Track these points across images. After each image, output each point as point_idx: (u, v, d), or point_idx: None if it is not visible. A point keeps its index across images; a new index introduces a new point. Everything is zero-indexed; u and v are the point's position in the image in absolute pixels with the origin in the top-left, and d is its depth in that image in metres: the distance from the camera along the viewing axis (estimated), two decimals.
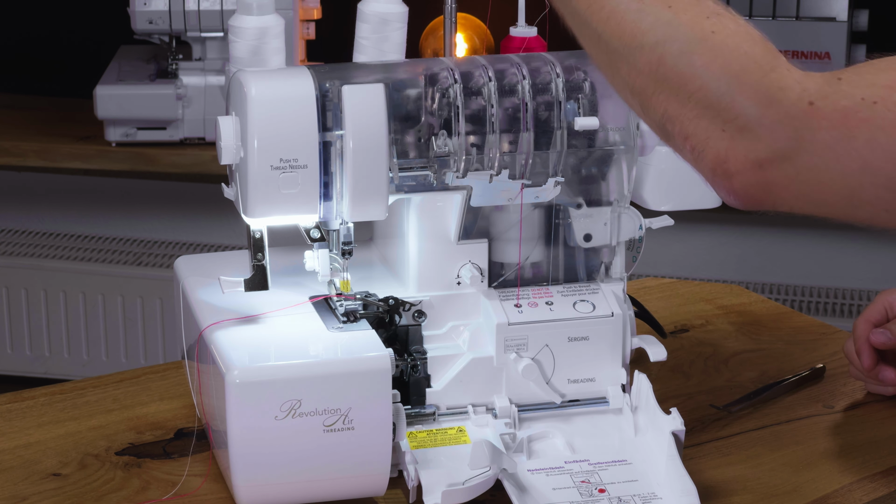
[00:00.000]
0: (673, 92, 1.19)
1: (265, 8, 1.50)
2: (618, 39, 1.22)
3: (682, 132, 1.19)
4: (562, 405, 1.51)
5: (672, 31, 1.19)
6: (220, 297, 1.48)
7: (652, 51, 1.19)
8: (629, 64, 1.21)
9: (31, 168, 3.17)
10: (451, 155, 1.45)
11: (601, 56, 1.25)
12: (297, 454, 1.38)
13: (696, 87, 1.17)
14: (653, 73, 1.19)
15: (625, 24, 1.21)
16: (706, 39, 1.18)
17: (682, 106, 1.19)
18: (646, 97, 1.21)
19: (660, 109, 1.20)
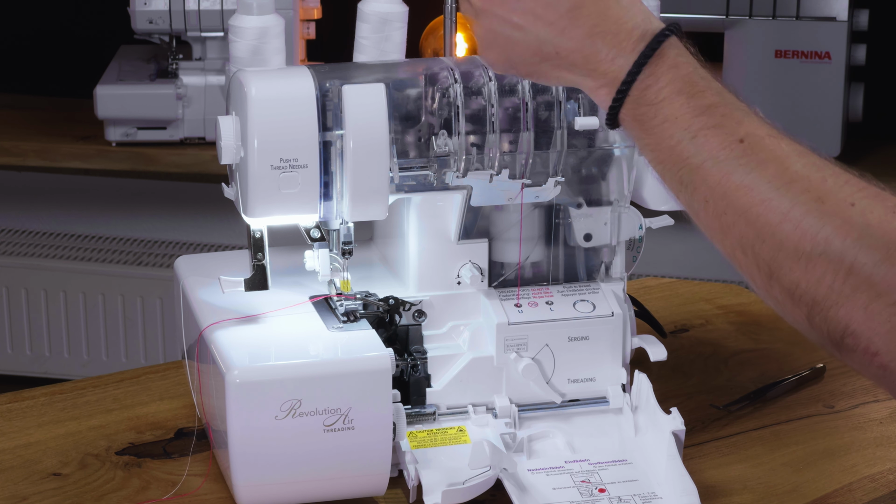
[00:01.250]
0: (861, 303, 1.03)
1: (265, 8, 1.50)
2: (793, 244, 1.05)
3: (871, 349, 1.04)
4: (562, 405, 1.51)
5: (862, 236, 1.03)
6: (220, 296, 1.48)
7: (839, 262, 1.03)
8: (803, 272, 1.05)
9: (31, 168, 3.17)
10: (451, 154, 1.45)
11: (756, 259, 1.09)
12: (298, 454, 1.38)
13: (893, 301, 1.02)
14: (838, 282, 1.04)
15: (803, 228, 1.05)
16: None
17: (874, 320, 1.03)
18: (822, 309, 1.05)
19: (840, 324, 1.05)
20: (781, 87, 2.88)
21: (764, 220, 1.07)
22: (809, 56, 2.86)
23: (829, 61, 2.86)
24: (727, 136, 1.09)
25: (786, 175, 1.07)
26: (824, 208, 1.05)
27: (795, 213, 1.06)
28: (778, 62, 2.87)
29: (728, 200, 1.09)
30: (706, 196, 1.10)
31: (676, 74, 1.12)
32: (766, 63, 2.87)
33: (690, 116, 1.11)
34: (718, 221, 1.11)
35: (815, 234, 1.05)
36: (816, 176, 1.06)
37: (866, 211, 1.04)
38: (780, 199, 1.06)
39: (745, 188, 1.08)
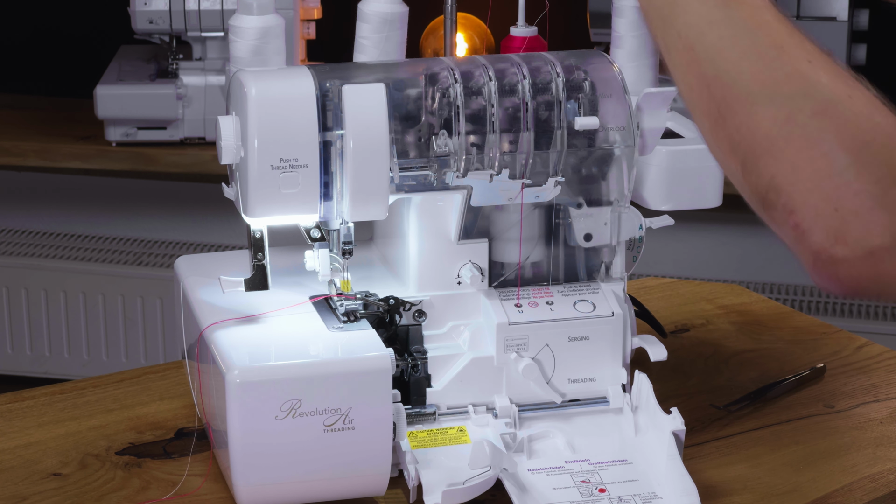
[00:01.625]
0: (790, 156, 1.07)
1: (265, 8, 1.50)
2: (744, 83, 1.10)
3: (789, 205, 1.08)
4: (562, 405, 1.51)
5: (809, 87, 1.08)
6: (221, 296, 1.48)
7: (781, 105, 1.08)
8: (747, 114, 1.10)
9: (31, 168, 3.17)
10: (451, 154, 1.45)
11: (706, 93, 1.13)
12: (298, 454, 1.38)
13: (820, 154, 1.06)
14: (774, 129, 1.08)
15: (757, 69, 1.10)
16: (841, 102, 1.07)
17: (796, 175, 1.07)
18: (754, 157, 1.09)
19: (767, 174, 1.09)
20: None
21: (725, 55, 1.12)
22: None
23: None
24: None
25: (757, 19, 1.12)
26: (782, 56, 1.10)
27: (754, 53, 1.11)
28: None
29: (699, 33, 1.14)
30: (680, 30, 1.15)
31: None
32: None
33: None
34: (687, 55, 1.15)
35: (765, 76, 1.10)
36: (785, 29, 1.12)
37: (819, 70, 1.09)
38: (745, 39, 1.11)
39: (716, 23, 1.13)
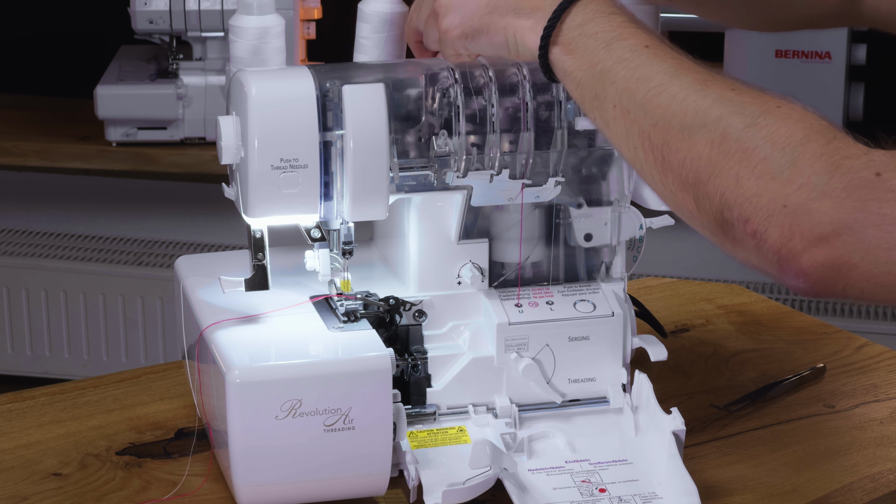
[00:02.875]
0: (733, 171, 1.14)
1: (265, 8, 1.50)
2: (678, 120, 1.18)
3: (742, 216, 1.14)
4: (562, 405, 1.51)
5: (736, 106, 1.16)
6: (221, 296, 1.48)
7: (714, 127, 1.16)
8: (687, 146, 1.17)
9: (31, 168, 3.17)
10: (451, 155, 1.45)
11: (647, 143, 1.21)
12: (298, 454, 1.38)
13: (759, 160, 1.13)
14: (713, 152, 1.15)
15: (686, 104, 1.18)
16: (770, 112, 1.15)
17: (742, 186, 1.13)
18: (702, 185, 1.16)
19: (716, 196, 1.16)
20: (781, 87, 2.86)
21: (656, 104, 1.20)
22: (809, 56, 2.86)
23: (829, 61, 2.86)
24: (636, 42, 1.24)
25: (680, 67, 1.21)
26: (706, 89, 1.18)
27: (682, 94, 1.19)
28: (778, 62, 2.87)
29: (630, 95, 1.22)
30: (613, 99, 1.24)
31: (601, 5, 1.28)
32: (767, 63, 2.87)
33: (608, 30, 1.26)
34: (624, 120, 1.23)
35: (695, 108, 1.18)
36: (705, 72, 1.21)
37: (744, 92, 1.17)
38: (671, 85, 1.20)
39: (644, 80, 1.21)
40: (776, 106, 1.15)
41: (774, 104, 1.16)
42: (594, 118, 1.27)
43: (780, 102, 1.16)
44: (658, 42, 1.24)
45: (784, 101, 1.17)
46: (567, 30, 1.27)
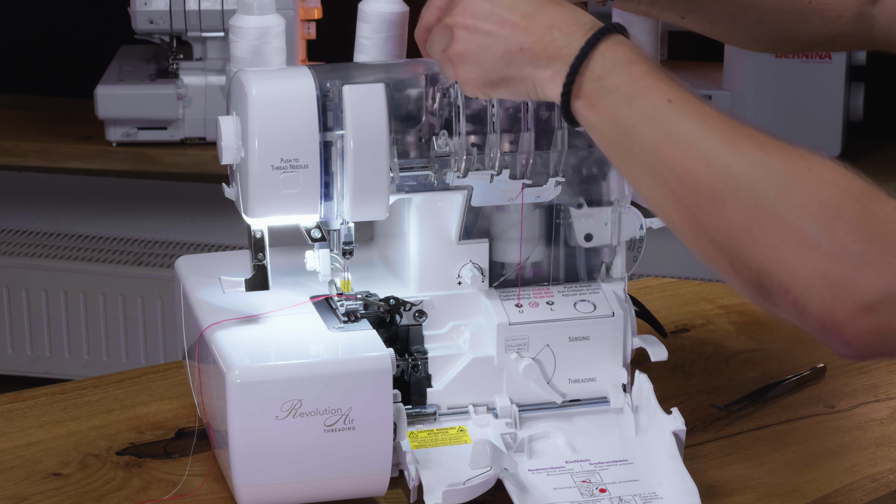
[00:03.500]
0: (769, 240, 1.11)
1: (266, 8, 1.50)
2: (709, 185, 1.15)
3: (782, 286, 1.12)
4: (563, 405, 1.51)
5: (766, 172, 1.13)
6: (221, 296, 1.48)
7: (747, 195, 1.12)
8: (720, 213, 1.14)
9: (31, 168, 3.17)
10: (451, 155, 1.45)
11: (679, 205, 1.18)
12: (298, 454, 1.38)
13: (796, 230, 1.10)
14: (748, 219, 1.12)
15: (716, 169, 1.14)
16: (802, 177, 1.12)
17: (779, 255, 1.11)
18: (738, 252, 1.14)
19: (754, 264, 1.13)
20: (781, 87, 2.88)
21: (685, 167, 1.17)
22: (809, 56, 2.86)
23: (829, 61, 2.86)
24: (658, 97, 1.20)
25: (705, 124, 1.17)
26: (735, 150, 1.15)
27: (710, 156, 1.15)
28: (778, 62, 2.87)
29: (658, 156, 1.19)
30: (640, 157, 1.20)
31: (619, 53, 1.23)
32: (766, 63, 2.87)
33: (627, 84, 1.22)
34: (652, 181, 1.20)
35: (726, 173, 1.14)
36: (731, 127, 1.17)
37: (772, 153, 1.14)
38: (699, 146, 1.16)
39: (671, 141, 1.18)
40: (807, 168, 1.12)
41: (805, 166, 1.12)
42: (622, 172, 1.25)
43: (810, 163, 1.13)
44: (680, 92, 1.20)
45: (814, 161, 1.13)
46: (587, 83, 1.24)
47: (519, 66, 1.28)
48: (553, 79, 1.26)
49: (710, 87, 2.93)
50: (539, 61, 1.27)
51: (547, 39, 1.26)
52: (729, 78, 2.92)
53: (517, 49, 1.28)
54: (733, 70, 2.91)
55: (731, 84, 2.92)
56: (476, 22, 1.29)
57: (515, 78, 1.29)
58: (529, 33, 1.27)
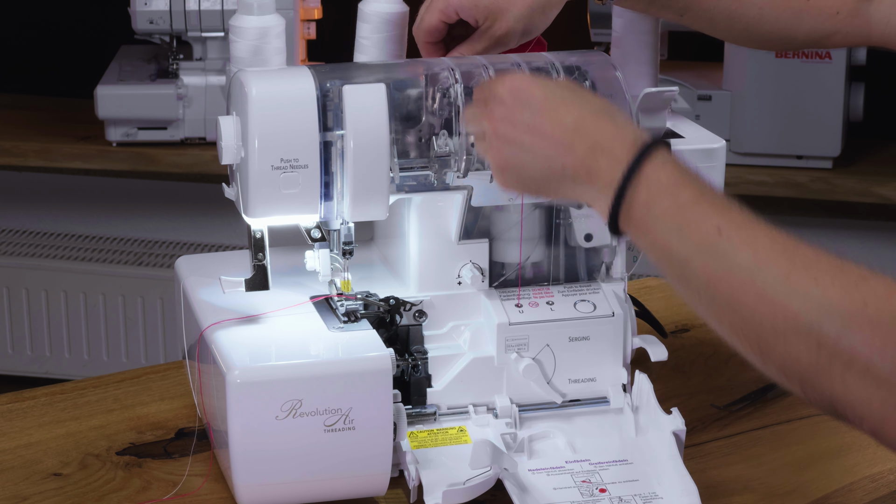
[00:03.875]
0: (837, 376, 1.11)
1: (266, 8, 1.50)
2: (769, 322, 1.14)
3: (856, 415, 1.12)
4: (563, 405, 1.51)
5: (825, 310, 1.11)
6: (221, 297, 1.48)
7: (808, 335, 1.12)
8: (784, 348, 1.14)
9: (31, 168, 3.17)
10: (451, 155, 1.45)
11: (741, 336, 1.18)
12: (298, 454, 1.38)
13: (862, 367, 1.10)
14: (813, 356, 1.12)
15: (774, 307, 1.13)
16: (860, 313, 1.10)
17: (850, 390, 1.11)
18: (808, 382, 1.13)
19: (826, 395, 1.13)
20: (781, 87, 2.88)
21: (743, 303, 1.15)
22: (809, 56, 2.86)
23: (829, 61, 2.86)
24: (707, 227, 1.18)
25: (758, 258, 1.15)
26: (791, 285, 1.13)
27: (768, 292, 1.14)
28: (778, 62, 2.87)
29: (714, 288, 1.17)
30: (697, 287, 1.19)
31: (663, 176, 1.21)
32: (766, 63, 2.87)
33: (675, 212, 1.19)
34: (712, 310, 1.19)
35: (785, 312, 1.13)
36: (784, 257, 1.15)
37: (828, 286, 1.12)
38: (754, 282, 1.15)
39: (725, 275, 1.16)
40: (863, 303, 1.11)
41: (861, 300, 1.11)
42: (680, 293, 1.23)
43: (865, 294, 1.11)
44: (729, 218, 1.18)
45: (870, 291, 1.11)
46: (634, 208, 1.21)
47: (560, 183, 1.27)
48: (598, 198, 1.25)
49: (710, 87, 2.93)
50: (582, 182, 1.25)
51: (590, 163, 1.24)
52: (729, 78, 2.92)
53: (559, 167, 1.26)
54: (733, 70, 2.91)
55: (731, 84, 2.92)
56: (517, 133, 1.28)
57: (557, 191, 1.29)
58: (572, 152, 1.25)
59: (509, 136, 1.29)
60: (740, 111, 2.91)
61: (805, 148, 2.92)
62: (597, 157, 1.24)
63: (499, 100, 1.30)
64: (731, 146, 2.90)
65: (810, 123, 2.89)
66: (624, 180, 1.21)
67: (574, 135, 1.25)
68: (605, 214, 1.24)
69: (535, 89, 1.28)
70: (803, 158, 2.93)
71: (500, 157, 1.31)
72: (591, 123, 1.25)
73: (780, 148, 2.92)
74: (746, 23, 1.49)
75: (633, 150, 1.22)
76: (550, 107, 1.27)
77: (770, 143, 2.91)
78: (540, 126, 1.27)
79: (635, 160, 1.21)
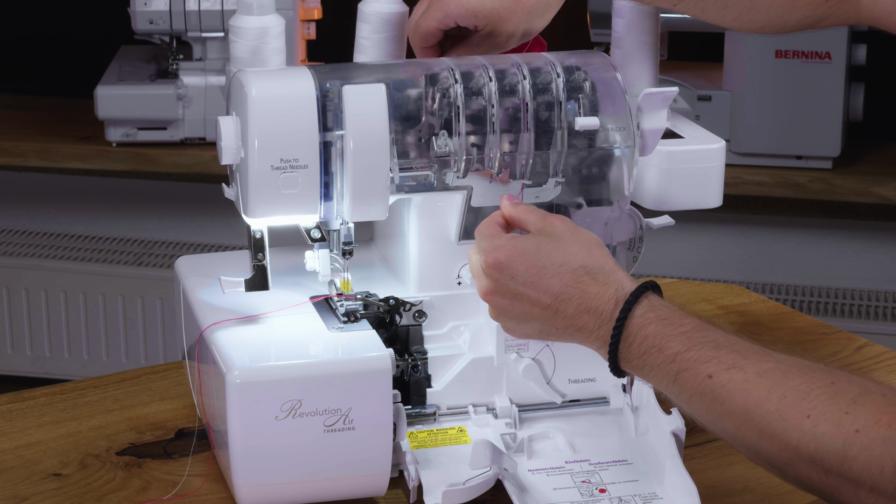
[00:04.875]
0: (851, 493, 1.17)
1: (266, 8, 1.50)
2: (776, 453, 1.21)
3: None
4: (562, 405, 1.51)
5: (820, 443, 1.18)
6: (221, 297, 1.48)
7: (813, 464, 1.18)
8: (796, 472, 1.20)
9: (31, 168, 3.17)
10: (451, 155, 1.45)
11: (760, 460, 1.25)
12: (298, 454, 1.38)
13: (869, 489, 1.16)
14: (823, 479, 1.18)
15: (775, 439, 1.20)
16: (854, 442, 1.16)
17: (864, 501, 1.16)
18: (826, 495, 1.20)
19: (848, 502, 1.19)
20: (781, 87, 2.88)
21: (748, 437, 1.23)
22: (809, 56, 2.86)
23: (829, 61, 2.86)
24: (698, 375, 1.25)
25: (750, 400, 1.22)
26: (786, 424, 1.20)
27: (766, 431, 1.21)
28: (778, 62, 2.87)
29: (719, 427, 1.25)
30: (705, 423, 1.27)
31: (649, 330, 1.30)
32: (766, 63, 2.87)
33: (666, 364, 1.28)
34: (725, 437, 1.27)
35: (787, 444, 1.20)
36: (776, 394, 1.21)
37: (820, 420, 1.18)
38: (752, 420, 1.22)
39: (725, 416, 1.24)
40: (854, 430, 1.16)
41: (853, 428, 1.16)
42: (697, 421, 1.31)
43: (855, 421, 1.17)
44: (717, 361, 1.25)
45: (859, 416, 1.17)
46: (630, 357, 1.31)
47: (560, 336, 1.36)
48: (595, 343, 1.34)
49: (710, 87, 2.93)
50: (577, 334, 1.34)
51: (579, 324, 1.33)
52: (729, 78, 2.92)
53: (553, 328, 1.35)
54: (733, 70, 2.91)
55: (731, 84, 2.92)
56: (506, 304, 1.36)
57: (561, 340, 1.37)
58: (560, 316, 1.33)
59: (500, 307, 1.37)
60: (740, 111, 2.91)
61: (805, 148, 2.92)
62: (584, 319, 1.33)
63: (484, 273, 1.37)
64: (731, 146, 2.90)
65: (810, 123, 2.89)
66: (613, 339, 1.31)
67: (560, 302, 1.33)
68: (603, 353, 1.33)
69: (517, 263, 1.35)
70: (803, 159, 2.93)
71: (495, 316, 1.39)
72: (574, 288, 1.33)
73: (780, 148, 2.92)
74: (739, 11, 1.51)
75: (616, 308, 1.31)
76: (534, 280, 1.34)
77: (770, 143, 2.92)
78: (527, 297, 1.35)
79: (619, 318, 1.31)
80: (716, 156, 1.56)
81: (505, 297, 1.36)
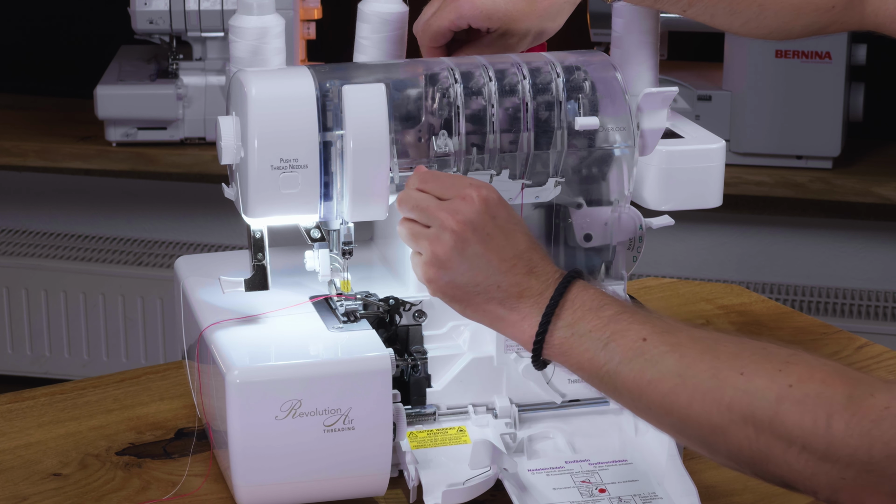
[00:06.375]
0: (780, 458, 1.16)
1: (265, 8, 1.50)
2: (706, 420, 1.20)
3: (810, 489, 1.17)
4: (562, 405, 1.51)
5: (754, 399, 1.17)
6: (221, 297, 1.48)
7: (744, 425, 1.17)
8: (726, 440, 1.19)
9: (31, 168, 3.17)
10: (451, 155, 1.45)
11: (681, 435, 1.24)
12: (298, 454, 1.38)
13: (800, 448, 1.15)
14: (753, 444, 1.17)
15: (706, 404, 1.19)
16: (786, 396, 1.16)
17: (795, 468, 1.16)
18: (757, 468, 1.19)
19: (776, 477, 1.18)
20: (781, 87, 2.88)
21: (678, 403, 1.21)
22: (809, 56, 2.86)
23: (829, 61, 2.86)
24: (632, 337, 1.25)
25: (684, 359, 1.22)
26: (719, 380, 1.19)
27: (699, 390, 1.20)
28: (778, 62, 2.87)
29: (648, 395, 1.23)
30: (631, 397, 1.25)
31: (587, 297, 1.29)
32: (766, 63, 2.87)
33: (601, 327, 1.27)
34: (650, 415, 1.25)
35: (718, 406, 1.19)
36: (709, 355, 1.21)
37: (754, 375, 1.18)
38: (685, 382, 1.21)
39: (656, 380, 1.22)
40: (788, 386, 1.16)
41: (786, 383, 1.17)
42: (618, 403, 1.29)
43: (789, 377, 1.17)
44: (651, 328, 1.25)
45: (794, 373, 1.17)
46: (559, 330, 1.29)
47: (487, 300, 1.33)
48: (520, 324, 1.31)
49: (710, 87, 2.93)
50: (509, 302, 1.32)
51: (525, 285, 1.31)
52: (729, 78, 2.92)
53: (494, 285, 1.32)
54: (733, 70, 2.91)
55: (731, 84, 2.92)
56: (474, 238, 1.32)
57: (479, 306, 1.33)
58: (511, 274, 1.32)
59: (464, 238, 1.33)
60: (740, 111, 2.91)
61: (805, 148, 2.92)
62: (531, 281, 1.31)
63: (468, 199, 1.33)
64: (731, 146, 2.90)
65: (810, 123, 2.89)
66: (552, 301, 1.29)
67: (518, 260, 1.32)
68: (525, 338, 1.31)
69: (502, 209, 1.34)
70: (803, 158, 2.93)
71: (444, 253, 1.33)
72: (534, 253, 1.33)
73: (780, 148, 2.92)
74: (747, 18, 1.51)
75: (560, 275, 1.31)
76: (510, 228, 1.33)
77: (770, 143, 2.91)
78: (496, 241, 1.33)
79: (562, 283, 1.30)
80: (716, 156, 1.56)
81: (475, 233, 1.32)
